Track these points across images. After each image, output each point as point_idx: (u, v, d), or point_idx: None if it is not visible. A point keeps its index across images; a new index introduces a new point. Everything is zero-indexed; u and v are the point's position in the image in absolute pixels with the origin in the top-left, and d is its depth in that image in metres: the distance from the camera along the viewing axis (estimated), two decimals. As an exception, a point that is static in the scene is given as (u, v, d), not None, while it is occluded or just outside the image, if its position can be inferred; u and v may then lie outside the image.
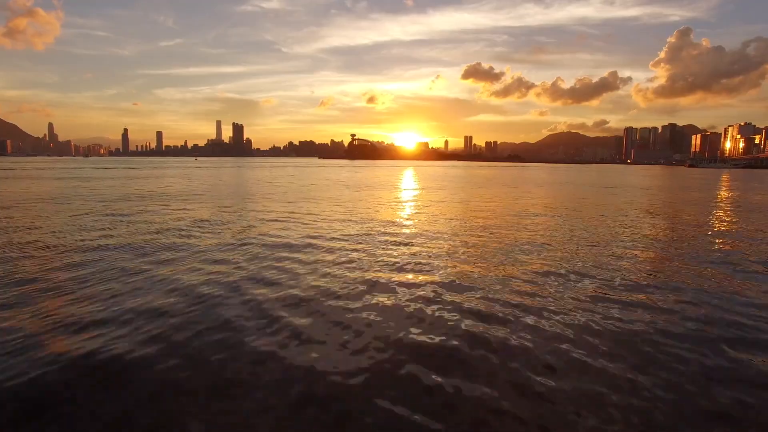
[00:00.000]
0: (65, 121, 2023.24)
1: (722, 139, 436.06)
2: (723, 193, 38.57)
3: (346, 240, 13.63)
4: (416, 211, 21.98)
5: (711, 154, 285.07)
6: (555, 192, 36.63)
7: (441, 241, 13.73)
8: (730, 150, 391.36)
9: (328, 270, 10.04)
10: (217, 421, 4.46)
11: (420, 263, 10.75)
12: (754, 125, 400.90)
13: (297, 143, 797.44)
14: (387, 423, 4.49)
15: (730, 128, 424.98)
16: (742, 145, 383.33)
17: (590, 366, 5.62)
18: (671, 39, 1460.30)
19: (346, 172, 77.99)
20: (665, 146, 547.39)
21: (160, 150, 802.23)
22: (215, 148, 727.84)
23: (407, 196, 30.80)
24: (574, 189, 40.93)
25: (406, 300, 8.00)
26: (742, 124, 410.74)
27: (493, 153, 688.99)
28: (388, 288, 8.74)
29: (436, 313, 7.35)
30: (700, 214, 22.75)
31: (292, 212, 20.32)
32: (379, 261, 10.98)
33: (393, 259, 11.13)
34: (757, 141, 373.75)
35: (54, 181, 43.50)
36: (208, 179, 49.11)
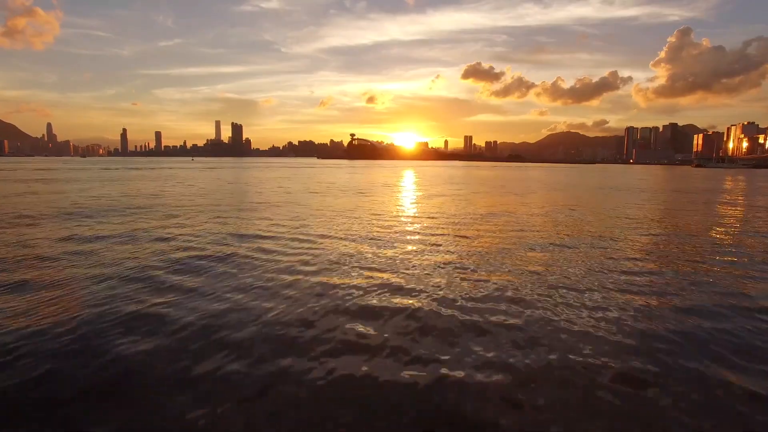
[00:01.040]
0: (64, 121, 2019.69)
1: (725, 139, 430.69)
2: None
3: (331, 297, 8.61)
4: (428, 236, 16.84)
5: (712, 154, 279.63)
6: (594, 201, 31.54)
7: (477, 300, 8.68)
8: (733, 150, 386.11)
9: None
10: None
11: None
12: (758, 125, 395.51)
13: (296, 143, 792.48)
14: None
15: (733, 128, 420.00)
16: (745, 144, 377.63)
17: None
18: (671, 39, 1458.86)
19: (345, 174, 72.92)
20: (666, 146, 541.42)
21: (159, 150, 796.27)
22: (214, 148, 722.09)
23: (412, 212, 25.74)
24: (615, 196, 35.91)
25: None
26: (746, 123, 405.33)
27: (493, 153, 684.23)
28: None
29: None
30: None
31: (279, 238, 15.26)
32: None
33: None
34: (761, 140, 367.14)
35: (8, 184, 38.37)
36: (190, 182, 43.96)
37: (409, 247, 12.95)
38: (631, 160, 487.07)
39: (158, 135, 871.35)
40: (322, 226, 16.62)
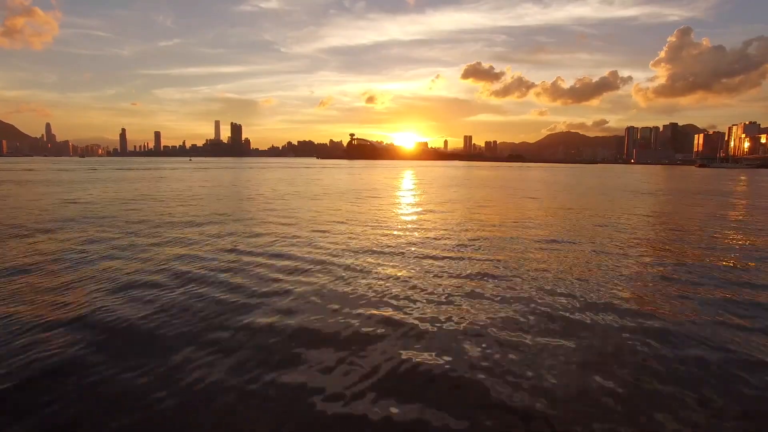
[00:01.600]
0: (64, 121, 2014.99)
1: (726, 139, 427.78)
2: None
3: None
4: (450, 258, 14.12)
5: (713, 154, 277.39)
6: (611, 206, 28.83)
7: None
8: (734, 149, 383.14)
9: None
10: None
11: None
12: (759, 124, 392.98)
13: (296, 143, 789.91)
14: None
15: (735, 127, 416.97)
16: (747, 144, 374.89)
17: None
18: (671, 38, 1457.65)
19: (344, 175, 70.30)
20: (667, 146, 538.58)
21: (159, 150, 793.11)
22: (214, 148, 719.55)
23: (422, 224, 23.06)
24: (632, 199, 33.24)
25: None
26: (747, 123, 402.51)
27: (493, 153, 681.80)
28: None
29: None
30: None
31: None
32: None
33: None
34: (762, 140, 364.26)
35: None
36: (177, 184, 41.25)
37: (422, 277, 10.27)
38: (632, 160, 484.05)
39: (157, 135, 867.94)
40: (310, 246, 13.92)
